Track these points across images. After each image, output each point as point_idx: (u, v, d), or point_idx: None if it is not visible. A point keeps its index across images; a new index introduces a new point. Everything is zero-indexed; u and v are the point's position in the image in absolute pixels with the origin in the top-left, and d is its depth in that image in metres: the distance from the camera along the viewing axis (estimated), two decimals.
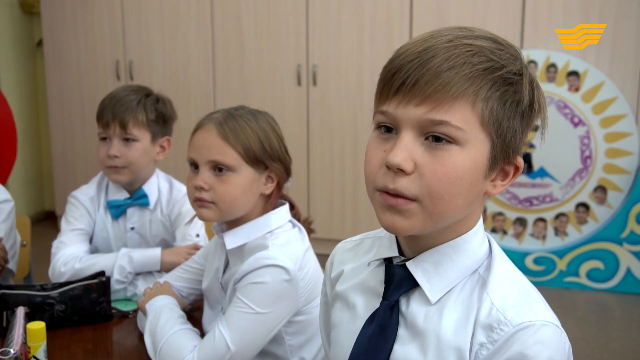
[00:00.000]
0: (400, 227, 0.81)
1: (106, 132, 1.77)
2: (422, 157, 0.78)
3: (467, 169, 0.78)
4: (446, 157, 0.78)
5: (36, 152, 4.67)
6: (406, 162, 0.77)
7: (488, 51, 0.78)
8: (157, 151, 1.84)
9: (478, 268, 0.86)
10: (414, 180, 0.78)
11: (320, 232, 3.64)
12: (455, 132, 0.77)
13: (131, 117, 1.75)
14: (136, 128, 1.76)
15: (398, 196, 0.79)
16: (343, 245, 1.05)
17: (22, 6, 4.45)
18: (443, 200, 0.78)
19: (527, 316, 0.79)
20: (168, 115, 1.85)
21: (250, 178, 1.35)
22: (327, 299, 1.07)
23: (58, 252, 1.74)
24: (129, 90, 1.81)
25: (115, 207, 1.83)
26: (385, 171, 0.80)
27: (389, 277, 0.88)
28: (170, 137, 1.87)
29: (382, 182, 0.80)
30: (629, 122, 3.33)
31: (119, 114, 1.74)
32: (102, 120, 1.77)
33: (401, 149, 0.78)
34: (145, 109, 1.78)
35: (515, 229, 3.56)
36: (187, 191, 1.40)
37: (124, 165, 1.76)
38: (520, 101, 0.80)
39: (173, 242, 1.85)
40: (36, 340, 1.22)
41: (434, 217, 0.80)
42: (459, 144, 0.78)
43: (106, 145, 1.78)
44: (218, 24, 3.89)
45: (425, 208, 0.79)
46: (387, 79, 0.81)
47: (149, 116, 1.78)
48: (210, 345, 1.28)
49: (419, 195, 0.78)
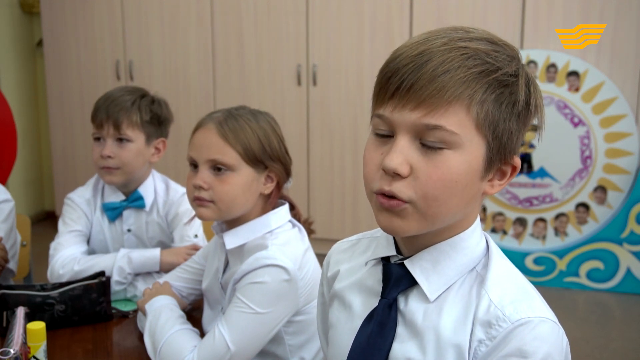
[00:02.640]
0: (397, 229, 0.82)
1: (100, 132, 1.76)
2: (418, 160, 0.79)
3: (462, 171, 0.79)
4: (441, 161, 0.78)
5: (36, 152, 4.67)
6: (402, 166, 0.78)
7: (483, 53, 0.79)
8: (152, 153, 1.82)
9: (476, 266, 0.87)
10: (409, 183, 0.79)
11: (320, 232, 3.63)
12: (449, 136, 0.78)
13: (125, 118, 1.74)
14: (130, 129, 1.75)
15: (393, 198, 0.80)
16: (339, 246, 1.06)
17: (22, 6, 4.45)
18: (437, 202, 0.79)
19: (525, 312, 0.80)
20: (164, 117, 1.83)
21: (249, 178, 1.35)
22: (324, 299, 1.07)
23: (56, 254, 1.73)
24: (124, 90, 1.80)
25: (111, 210, 1.82)
26: (382, 174, 0.81)
27: (387, 276, 0.89)
28: (165, 139, 1.85)
29: (378, 185, 0.81)
30: (629, 122, 3.33)
31: (112, 114, 1.73)
32: (96, 120, 1.76)
33: (397, 153, 0.79)
34: (140, 110, 1.76)
35: (515, 229, 3.56)
36: (186, 190, 1.40)
37: (117, 166, 1.75)
38: (517, 102, 0.80)
39: (171, 244, 1.84)
40: (36, 340, 1.22)
41: (429, 219, 0.81)
42: (454, 148, 0.78)
43: (100, 145, 1.76)
44: (218, 24, 3.89)
45: (419, 210, 0.80)
46: (383, 82, 0.81)
47: (144, 117, 1.77)
48: (210, 345, 1.28)
49: (413, 198, 0.79)
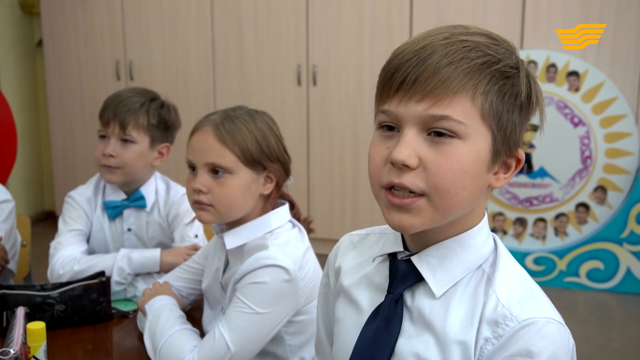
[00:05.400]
0: (408, 225, 0.81)
1: (105, 131, 1.77)
2: (426, 152, 0.79)
3: (471, 162, 0.79)
4: (450, 151, 0.79)
5: (36, 152, 4.67)
6: (410, 157, 0.78)
7: (484, 46, 0.80)
8: (155, 157, 1.81)
9: (482, 264, 0.87)
10: (419, 174, 0.79)
11: (320, 232, 3.64)
12: (457, 126, 0.78)
13: (132, 119, 1.74)
14: (135, 130, 1.75)
15: (403, 195, 0.80)
16: (349, 238, 1.05)
17: (22, 6, 4.45)
18: (450, 193, 0.79)
19: (532, 312, 0.80)
20: (171, 122, 1.83)
21: (248, 180, 1.35)
22: (327, 290, 1.06)
23: (56, 254, 1.73)
24: (134, 92, 1.81)
25: (111, 208, 1.82)
26: (390, 168, 0.80)
27: (393, 272, 0.89)
28: (170, 145, 1.85)
29: (387, 178, 0.81)
30: (629, 122, 3.33)
31: (120, 114, 1.74)
32: (103, 118, 1.77)
33: (405, 145, 0.79)
34: (147, 113, 1.77)
35: (515, 229, 3.56)
36: (186, 193, 1.40)
37: (117, 165, 1.75)
38: (518, 94, 0.81)
39: (171, 244, 1.84)
40: (36, 340, 1.22)
41: (442, 211, 0.80)
42: (461, 138, 0.79)
43: (104, 143, 1.77)
44: (218, 24, 3.89)
45: (433, 202, 0.80)
46: (387, 78, 0.82)
47: (151, 120, 1.77)
48: (210, 345, 1.28)
49: (426, 190, 0.79)
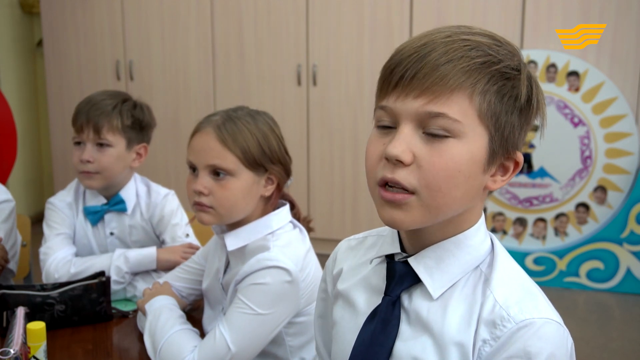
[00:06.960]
0: (399, 222, 0.81)
1: (80, 137, 1.73)
2: (421, 149, 0.79)
3: (465, 161, 0.79)
4: (444, 150, 0.78)
5: (36, 152, 4.67)
6: (405, 153, 0.78)
7: (486, 46, 0.80)
8: (133, 158, 1.79)
9: (480, 265, 0.86)
10: (412, 171, 0.79)
11: (320, 232, 3.64)
12: (452, 124, 0.78)
13: (106, 122, 1.71)
14: (110, 133, 1.72)
15: (396, 192, 0.80)
16: (346, 243, 1.05)
17: (22, 6, 4.45)
18: (441, 192, 0.79)
19: (530, 313, 0.80)
20: (146, 122, 1.81)
21: (249, 182, 1.35)
22: (326, 295, 1.06)
23: (48, 259, 1.71)
24: (105, 94, 1.78)
25: (92, 214, 1.80)
26: (385, 163, 0.80)
27: (390, 273, 0.89)
28: (147, 145, 1.83)
29: (380, 174, 0.81)
30: (629, 122, 3.33)
31: (93, 118, 1.71)
32: (77, 123, 1.73)
33: (400, 140, 0.79)
34: (120, 114, 1.74)
35: (515, 229, 3.56)
36: (187, 194, 1.40)
37: (96, 170, 1.72)
38: (518, 96, 0.81)
39: (162, 246, 1.83)
40: (36, 340, 1.22)
41: (433, 210, 0.80)
42: (457, 137, 0.78)
43: (80, 149, 1.74)
44: (218, 24, 3.89)
45: (423, 201, 0.79)
46: (387, 74, 0.82)
47: (125, 122, 1.74)
48: (210, 346, 1.28)
49: (417, 187, 0.79)
